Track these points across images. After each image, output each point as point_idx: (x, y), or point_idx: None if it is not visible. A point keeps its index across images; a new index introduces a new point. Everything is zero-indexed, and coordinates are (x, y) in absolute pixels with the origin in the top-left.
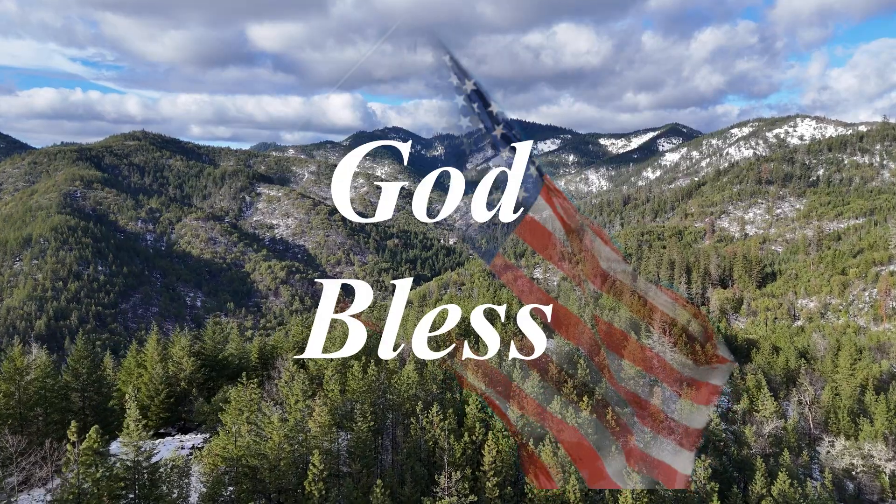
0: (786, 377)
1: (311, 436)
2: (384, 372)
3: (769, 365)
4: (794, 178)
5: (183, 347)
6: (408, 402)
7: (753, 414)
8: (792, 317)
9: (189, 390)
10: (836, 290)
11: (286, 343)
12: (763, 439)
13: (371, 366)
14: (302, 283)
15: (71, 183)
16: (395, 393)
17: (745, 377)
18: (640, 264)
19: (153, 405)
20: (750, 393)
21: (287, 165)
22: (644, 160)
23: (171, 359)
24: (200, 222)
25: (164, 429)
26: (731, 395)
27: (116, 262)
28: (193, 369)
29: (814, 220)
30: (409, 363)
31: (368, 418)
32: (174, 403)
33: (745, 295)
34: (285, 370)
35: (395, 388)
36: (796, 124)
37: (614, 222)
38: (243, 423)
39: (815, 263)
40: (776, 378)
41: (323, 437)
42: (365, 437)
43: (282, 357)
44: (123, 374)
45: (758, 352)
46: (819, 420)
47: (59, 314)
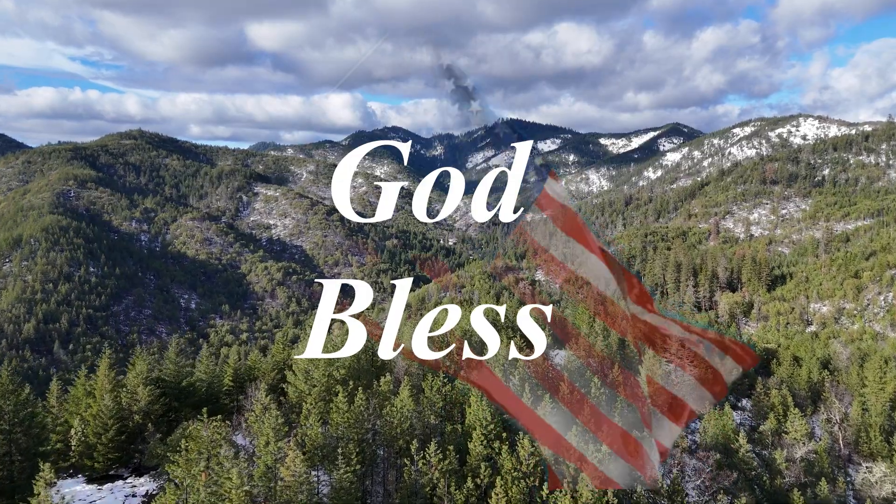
0: (810, 391)
1: (284, 485)
2: (375, 399)
3: (791, 378)
4: (799, 178)
5: (138, 374)
6: (402, 438)
7: (782, 436)
8: (805, 322)
9: (144, 425)
10: (851, 294)
11: (264, 364)
12: (796, 465)
13: (359, 393)
14: (299, 285)
15: (64, 182)
16: (386, 425)
17: (769, 392)
18: (644, 266)
19: (100, 443)
20: (775, 411)
21: (285, 165)
22: (645, 160)
23: (125, 387)
24: (196, 222)
25: (114, 469)
26: (754, 411)
27: (109, 263)
28: (150, 400)
29: (820, 221)
30: (404, 387)
31: (354, 460)
32: (126, 441)
33: (754, 299)
34: (257, 401)
35: (387, 419)
36: (799, 124)
37: (616, 223)
38: (198, 474)
39: (826, 266)
40: (800, 392)
41: (297, 488)
42: (349, 485)
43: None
44: (71, 404)
45: (778, 363)
46: (849, 440)
47: (49, 317)
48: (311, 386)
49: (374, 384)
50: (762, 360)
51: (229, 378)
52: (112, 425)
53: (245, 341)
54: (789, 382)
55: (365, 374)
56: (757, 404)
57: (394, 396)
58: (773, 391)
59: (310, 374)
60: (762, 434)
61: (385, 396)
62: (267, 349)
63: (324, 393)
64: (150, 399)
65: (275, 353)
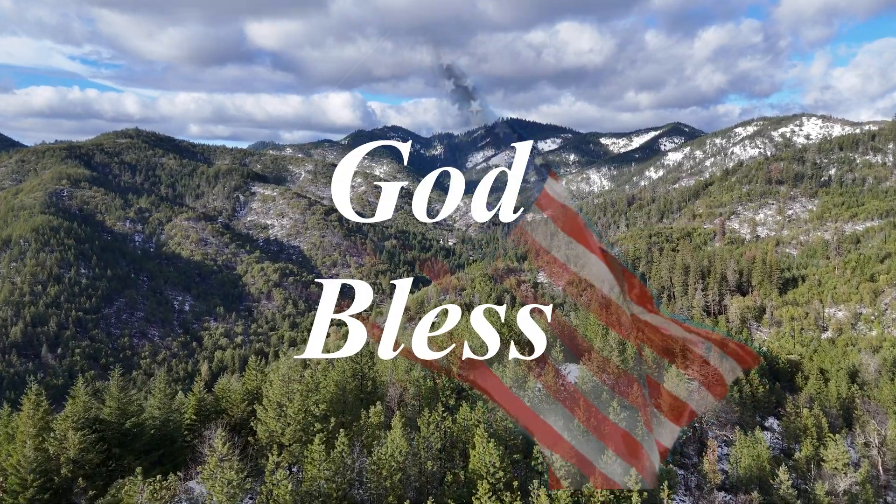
0: (841, 408)
1: None
2: (361, 438)
3: (819, 394)
4: (805, 177)
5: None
6: (392, 494)
7: (821, 465)
8: (820, 327)
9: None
10: (867, 299)
11: (234, 394)
12: (839, 499)
13: (341, 436)
14: (296, 286)
15: (57, 182)
16: (374, 476)
17: (801, 413)
18: (650, 269)
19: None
20: (809, 433)
21: (284, 164)
22: (646, 160)
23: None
24: (191, 222)
25: None
26: (784, 434)
27: (100, 264)
28: (83, 448)
29: (828, 222)
30: (397, 424)
31: None
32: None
33: (766, 303)
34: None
35: (375, 469)
36: (802, 123)
37: (619, 223)
38: None
39: (839, 269)
40: (830, 411)
41: None
42: None
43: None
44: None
45: (804, 378)
46: (889, 465)
47: (37, 320)
48: (283, 424)
49: (361, 417)
50: (786, 373)
51: (191, 411)
52: (33, 481)
53: (240, 344)
54: (819, 399)
55: (350, 408)
56: (787, 427)
57: (384, 432)
58: (805, 411)
59: (283, 410)
60: (797, 462)
61: (373, 432)
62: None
63: (300, 433)
64: (82, 446)
65: (246, 380)
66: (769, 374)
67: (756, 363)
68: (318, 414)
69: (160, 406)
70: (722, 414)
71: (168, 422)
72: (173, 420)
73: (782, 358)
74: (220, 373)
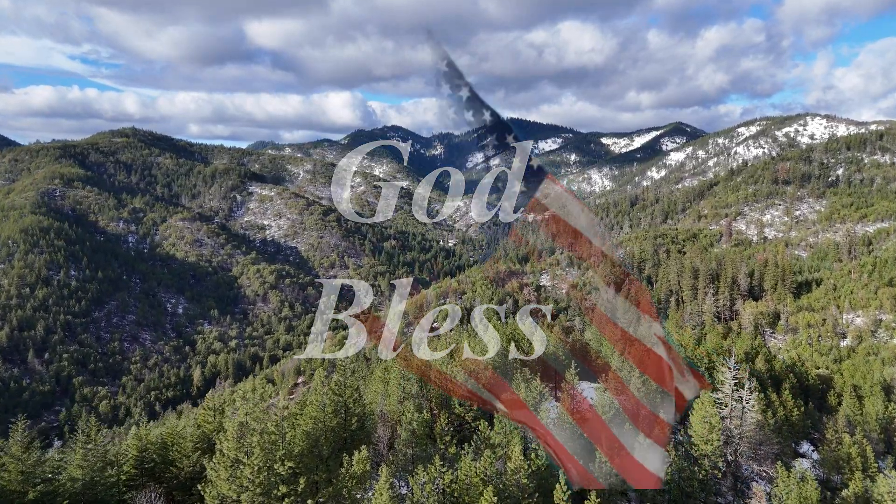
0: (882, 431)
1: None
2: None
3: (856, 415)
4: (813, 177)
5: None
6: None
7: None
8: (838, 335)
9: None
10: (888, 305)
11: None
12: None
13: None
14: (293, 288)
15: (50, 181)
16: None
17: (842, 440)
18: (657, 271)
19: None
20: (853, 464)
21: (282, 164)
22: (648, 159)
23: None
24: (186, 223)
25: None
26: (822, 464)
27: (91, 265)
28: None
29: (837, 223)
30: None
31: None
32: None
33: (780, 308)
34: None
35: None
36: (806, 123)
37: (623, 224)
38: None
39: (855, 272)
40: (871, 435)
41: None
42: None
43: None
44: None
45: (837, 397)
46: None
47: (24, 324)
48: (239, 488)
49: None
50: (817, 390)
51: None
52: None
53: (234, 349)
54: (858, 422)
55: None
56: (827, 456)
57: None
58: (845, 437)
59: (239, 469)
60: (845, 500)
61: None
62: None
63: (260, 498)
64: None
65: (200, 421)
66: (800, 393)
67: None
68: (283, 473)
69: (83, 463)
70: (759, 446)
71: (94, 484)
72: (101, 481)
73: (811, 373)
74: (214, 378)
